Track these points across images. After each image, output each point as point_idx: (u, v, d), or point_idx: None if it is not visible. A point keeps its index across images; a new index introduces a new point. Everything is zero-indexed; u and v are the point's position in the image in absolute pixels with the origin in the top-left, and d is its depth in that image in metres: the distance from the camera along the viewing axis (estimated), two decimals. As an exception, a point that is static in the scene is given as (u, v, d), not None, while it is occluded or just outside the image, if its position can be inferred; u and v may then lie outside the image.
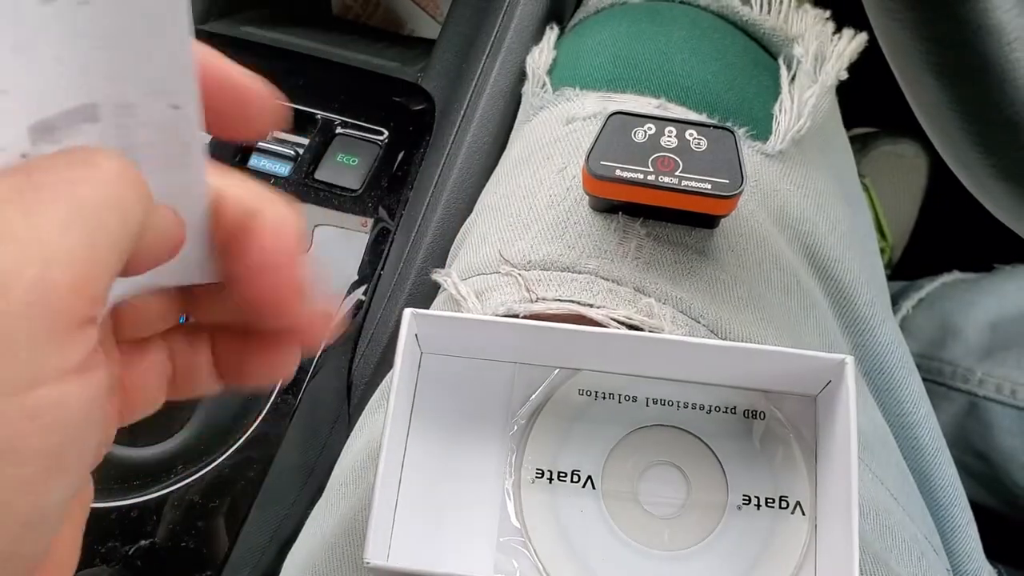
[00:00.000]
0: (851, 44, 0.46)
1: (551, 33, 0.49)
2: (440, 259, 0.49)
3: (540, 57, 0.48)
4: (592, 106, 0.44)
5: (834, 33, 0.47)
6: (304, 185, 0.52)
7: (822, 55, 0.45)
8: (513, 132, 0.50)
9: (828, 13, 0.47)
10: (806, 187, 0.44)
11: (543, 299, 0.39)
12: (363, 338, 0.49)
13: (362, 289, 0.50)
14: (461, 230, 0.47)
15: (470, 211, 0.47)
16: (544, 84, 0.47)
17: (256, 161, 0.53)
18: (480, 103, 0.51)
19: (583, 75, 0.46)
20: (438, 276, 0.43)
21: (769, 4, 0.47)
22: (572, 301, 0.39)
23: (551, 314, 0.38)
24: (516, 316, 0.39)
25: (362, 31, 0.70)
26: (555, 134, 0.45)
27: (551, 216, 0.41)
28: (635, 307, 0.39)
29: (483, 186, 0.48)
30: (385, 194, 0.52)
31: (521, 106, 0.50)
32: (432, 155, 0.51)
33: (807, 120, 0.44)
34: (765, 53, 0.47)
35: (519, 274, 0.40)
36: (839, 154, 0.50)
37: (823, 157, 0.46)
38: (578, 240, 0.40)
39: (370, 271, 0.50)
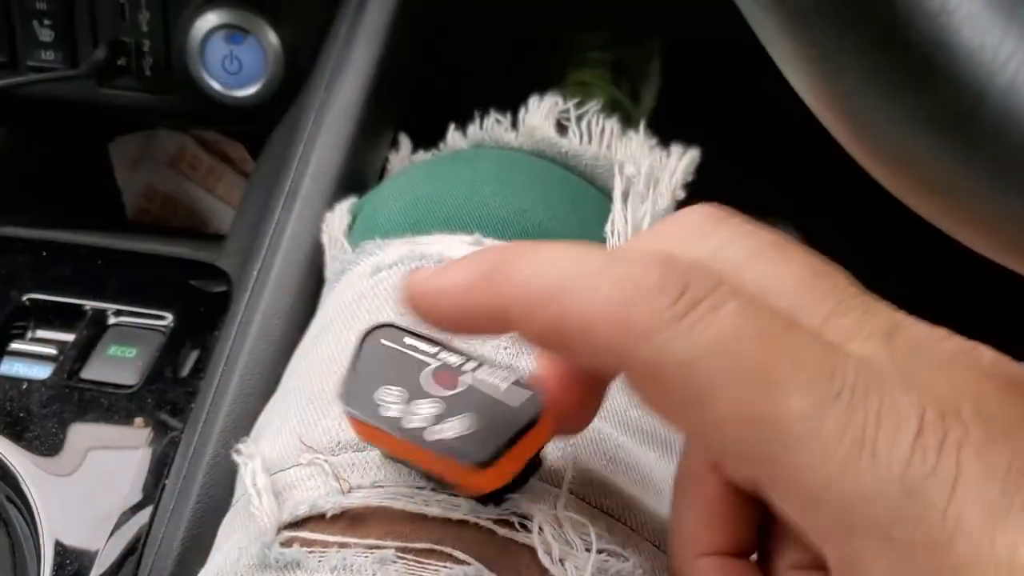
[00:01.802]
0: (683, 161, 0.42)
1: (345, 198, 0.44)
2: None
3: (334, 221, 0.42)
4: (398, 251, 0.38)
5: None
6: (67, 388, 0.43)
7: (655, 176, 0.41)
8: (318, 306, 0.43)
9: (655, 140, 0.43)
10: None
11: (360, 488, 0.30)
12: (142, 572, 0.38)
13: (142, 513, 0.40)
14: (260, 419, 0.39)
15: (271, 391, 0.39)
16: (342, 246, 0.41)
17: (7, 366, 0.44)
18: (271, 276, 0.44)
19: (383, 224, 0.40)
20: (239, 457, 0.33)
21: (590, 134, 0.43)
22: (395, 486, 0.30)
23: (372, 506, 0.30)
24: (323, 516, 0.30)
25: (159, 231, 0.63)
26: (359, 290, 0.38)
27: None
28: None
29: (284, 364, 0.40)
30: (169, 387, 0.43)
31: (325, 280, 0.43)
32: (223, 337, 0.43)
33: (646, 243, 0.38)
34: (587, 184, 0.42)
35: (325, 460, 0.32)
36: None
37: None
38: None
39: (152, 486, 0.40)
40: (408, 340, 0.27)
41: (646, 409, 0.22)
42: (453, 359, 0.27)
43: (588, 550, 0.29)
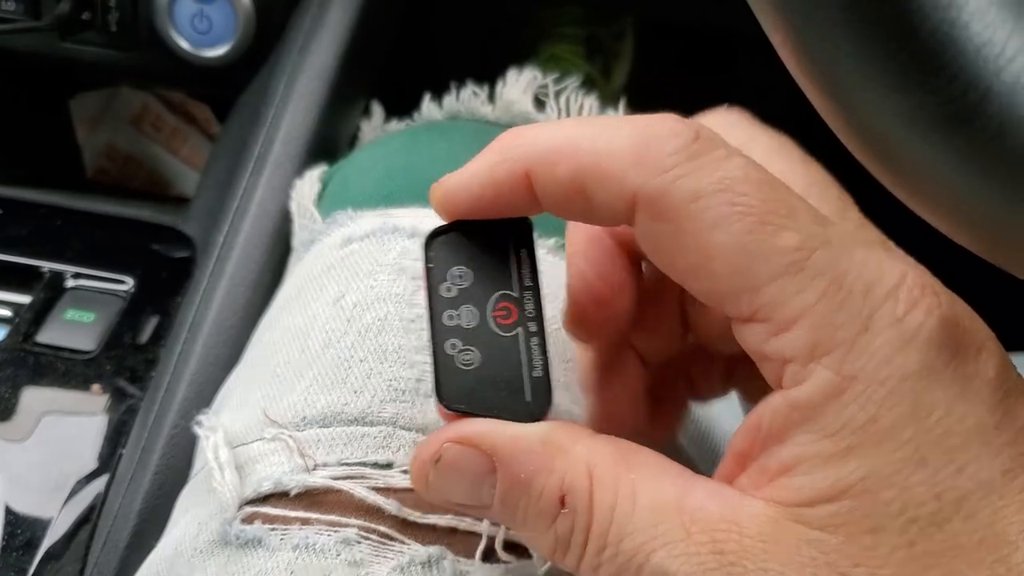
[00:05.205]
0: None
1: (315, 166, 0.43)
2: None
3: (304, 189, 0.41)
4: (370, 224, 0.37)
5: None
6: (22, 352, 0.41)
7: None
8: (284, 275, 0.42)
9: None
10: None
11: (325, 465, 0.30)
12: (96, 542, 0.37)
13: (98, 481, 0.39)
14: (222, 390, 0.38)
15: (235, 361, 0.38)
16: (311, 215, 0.40)
17: (-40, 327, 0.42)
18: (237, 243, 0.43)
19: (356, 195, 0.39)
20: (201, 430, 0.33)
21: (568, 110, 0.42)
22: (361, 464, 0.30)
23: (344, 491, 0.29)
24: (287, 493, 0.29)
25: (120, 191, 0.61)
26: (329, 261, 0.37)
27: (329, 357, 0.33)
28: None
29: (248, 334, 0.40)
30: (128, 354, 0.42)
31: (292, 249, 0.42)
32: (187, 304, 0.42)
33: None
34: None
35: (290, 436, 0.31)
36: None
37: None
38: (367, 382, 0.32)
39: (109, 455, 0.39)
40: (523, 252, 0.26)
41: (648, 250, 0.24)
42: (530, 305, 0.25)
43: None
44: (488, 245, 0.26)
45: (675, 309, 0.28)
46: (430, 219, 0.36)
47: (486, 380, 0.25)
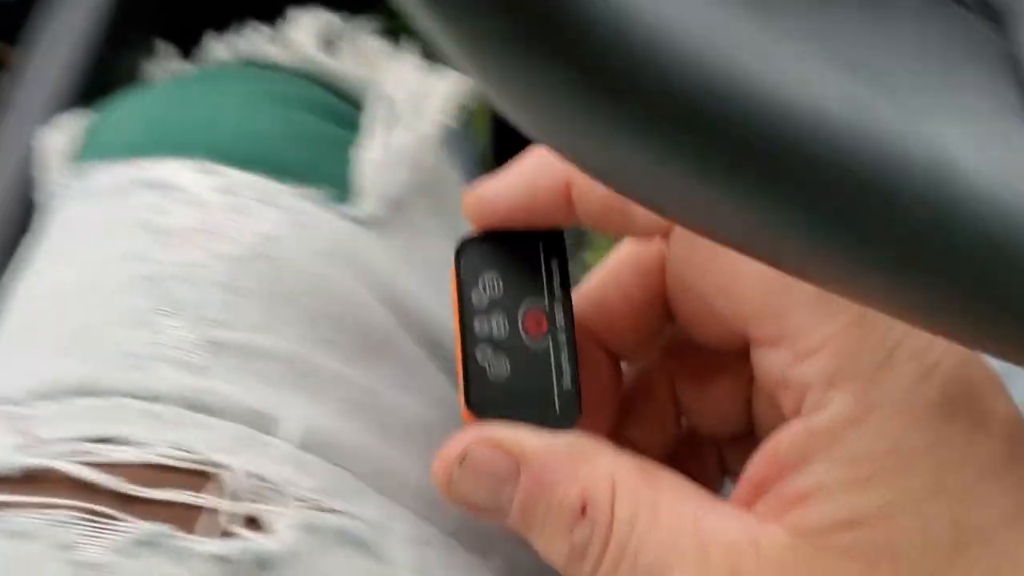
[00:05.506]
0: (455, 86, 0.38)
1: (67, 114, 0.39)
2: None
3: (54, 139, 0.38)
4: (117, 177, 0.34)
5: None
6: None
7: (420, 101, 0.38)
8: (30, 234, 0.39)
9: (430, 64, 0.40)
10: (413, 259, 0.35)
11: (48, 442, 0.27)
12: None
13: None
14: None
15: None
16: (61, 167, 0.37)
17: None
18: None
19: (107, 146, 0.36)
20: None
21: (359, 54, 0.39)
22: (86, 439, 0.27)
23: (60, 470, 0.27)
24: (6, 476, 0.27)
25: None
26: (71, 217, 0.34)
27: (63, 322, 0.30)
28: (185, 434, 0.28)
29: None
30: None
31: (37, 204, 0.39)
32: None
33: (405, 174, 0.35)
34: (353, 108, 0.39)
35: (11, 411, 0.28)
36: (460, 216, 0.42)
37: (438, 220, 0.37)
38: (99, 347, 0.29)
39: None
40: (554, 263, 0.26)
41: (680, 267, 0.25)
42: (560, 316, 0.25)
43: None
44: (519, 255, 0.26)
45: (668, 397, 0.29)
46: (184, 171, 0.34)
47: (515, 389, 0.25)
